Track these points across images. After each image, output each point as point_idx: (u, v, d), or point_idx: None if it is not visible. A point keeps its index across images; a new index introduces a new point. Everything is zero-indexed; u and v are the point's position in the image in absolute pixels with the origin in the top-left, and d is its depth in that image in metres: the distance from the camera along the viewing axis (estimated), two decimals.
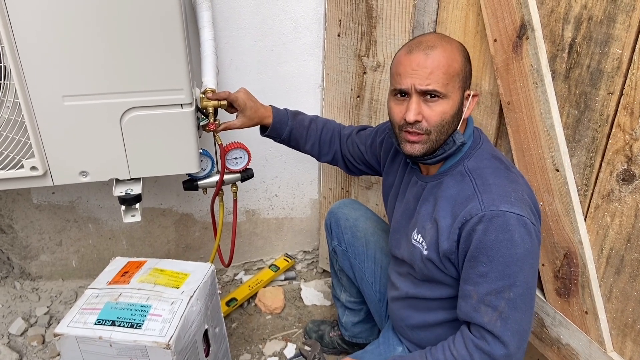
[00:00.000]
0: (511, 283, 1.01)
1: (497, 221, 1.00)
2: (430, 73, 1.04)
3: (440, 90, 1.04)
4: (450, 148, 1.11)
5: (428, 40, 1.07)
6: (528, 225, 1.01)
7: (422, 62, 1.04)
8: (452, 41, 1.09)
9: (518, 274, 1.01)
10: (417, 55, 1.05)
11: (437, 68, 1.04)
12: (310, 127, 1.50)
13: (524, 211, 1.01)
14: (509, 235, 0.99)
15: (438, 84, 1.04)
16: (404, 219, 1.25)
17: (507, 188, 1.04)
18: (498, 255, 1.00)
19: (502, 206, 1.01)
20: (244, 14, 1.65)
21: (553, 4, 1.11)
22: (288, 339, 1.85)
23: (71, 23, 1.10)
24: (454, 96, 1.07)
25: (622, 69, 1.01)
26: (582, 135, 1.13)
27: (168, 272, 1.30)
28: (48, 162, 1.23)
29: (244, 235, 2.08)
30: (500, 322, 1.02)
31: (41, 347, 1.77)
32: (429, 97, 1.06)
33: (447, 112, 1.06)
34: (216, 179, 1.49)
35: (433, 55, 1.04)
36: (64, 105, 1.17)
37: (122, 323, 1.15)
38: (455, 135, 1.10)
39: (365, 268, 1.53)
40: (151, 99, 1.21)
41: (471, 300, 1.05)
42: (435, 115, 1.06)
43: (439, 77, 1.04)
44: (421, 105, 1.06)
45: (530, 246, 1.01)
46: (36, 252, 1.94)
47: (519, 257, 1.00)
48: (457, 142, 1.10)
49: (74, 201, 1.85)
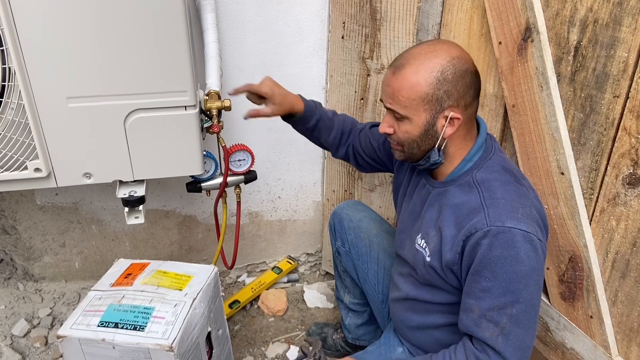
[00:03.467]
0: (514, 300, 0.99)
1: (502, 237, 0.98)
2: (392, 93, 1.05)
3: (399, 111, 1.05)
4: (426, 163, 1.12)
5: (408, 55, 1.05)
6: (534, 242, 0.99)
7: (388, 80, 1.06)
8: (433, 59, 1.02)
9: (522, 291, 0.99)
10: (389, 71, 1.07)
11: (399, 89, 1.04)
12: (333, 118, 1.49)
13: (531, 227, 0.99)
14: (515, 251, 0.97)
15: (398, 106, 1.05)
16: (410, 220, 1.25)
17: (515, 203, 1.02)
18: (502, 272, 0.98)
19: (509, 222, 0.99)
20: (248, 16, 1.65)
21: (558, 7, 1.11)
22: (291, 342, 1.85)
23: (75, 25, 1.10)
24: (417, 119, 1.05)
25: (628, 72, 1.00)
26: (588, 139, 1.12)
27: (171, 274, 1.30)
28: (52, 164, 1.23)
29: (247, 237, 2.08)
30: (502, 337, 1.00)
31: (44, 349, 1.77)
32: (396, 114, 1.07)
33: (409, 132, 1.07)
34: (219, 180, 1.49)
35: (399, 75, 1.04)
36: (68, 107, 1.17)
37: (125, 325, 1.15)
38: (431, 153, 1.10)
39: (368, 269, 1.53)
40: (155, 100, 1.21)
41: (473, 315, 1.03)
42: (400, 133, 1.09)
43: (398, 100, 1.05)
44: (394, 120, 1.09)
45: (536, 263, 0.99)
46: (39, 254, 1.94)
47: (524, 274, 0.98)
48: (430, 160, 1.11)
49: (77, 203, 1.85)
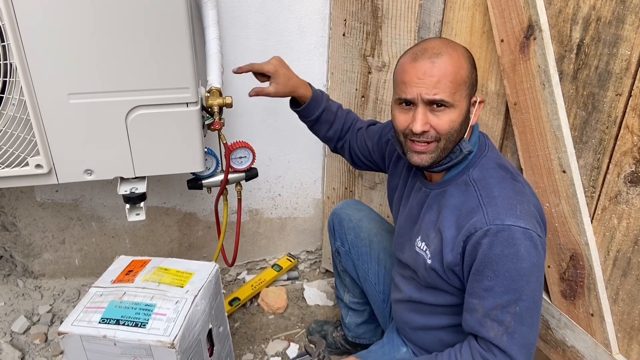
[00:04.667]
0: (517, 297, 0.99)
1: (502, 235, 0.98)
2: (437, 82, 1.01)
3: (447, 99, 1.01)
4: (457, 157, 1.09)
5: (434, 47, 1.04)
6: (534, 238, 0.99)
7: (429, 70, 1.01)
8: (457, 47, 1.06)
9: (524, 288, 0.99)
10: (423, 63, 1.02)
11: (444, 76, 1.01)
12: (337, 113, 1.49)
13: (530, 224, 0.99)
14: (515, 249, 0.98)
15: (445, 93, 1.01)
16: (408, 224, 1.24)
17: (513, 200, 1.02)
18: (504, 270, 0.98)
19: (508, 220, 0.99)
20: (249, 13, 1.64)
21: (561, 5, 1.11)
22: (291, 339, 1.85)
23: (77, 21, 1.09)
24: (461, 104, 1.04)
25: (630, 70, 1.00)
26: (590, 137, 1.12)
27: (172, 271, 1.30)
28: (53, 160, 1.23)
29: (247, 234, 2.08)
30: (507, 336, 1.00)
31: (44, 345, 1.77)
32: (435, 107, 1.03)
33: (454, 120, 1.04)
34: (220, 178, 1.49)
35: (439, 63, 1.01)
36: (69, 103, 1.17)
37: (126, 322, 1.14)
38: (462, 144, 1.08)
39: (368, 269, 1.52)
40: (157, 97, 1.21)
41: (476, 314, 1.03)
42: (443, 124, 1.03)
43: (446, 86, 1.01)
44: (428, 115, 1.04)
45: (537, 260, 1.00)
46: (39, 250, 1.93)
47: (525, 271, 0.98)
48: (464, 151, 1.08)
49: (77, 199, 1.84)
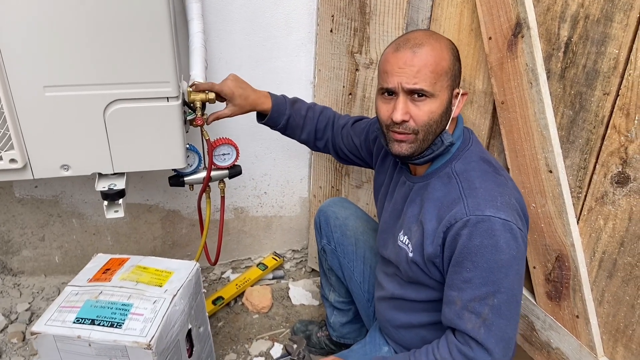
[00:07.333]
0: (495, 290, 0.98)
1: (482, 226, 0.97)
2: (417, 71, 1.01)
3: (427, 89, 1.02)
4: (438, 148, 1.08)
5: (416, 37, 1.05)
6: (514, 230, 0.98)
7: (409, 60, 1.02)
8: (440, 38, 1.06)
9: (503, 281, 0.98)
10: (404, 53, 1.03)
11: (425, 66, 1.01)
12: (307, 115, 1.47)
13: (510, 216, 0.99)
14: (494, 240, 0.97)
15: (425, 83, 1.01)
16: (392, 219, 1.23)
17: (494, 192, 1.02)
18: (482, 261, 0.97)
19: (488, 211, 0.98)
20: (235, 7, 1.61)
21: (549, 2, 1.09)
22: (275, 339, 1.83)
23: (53, 11, 1.06)
24: (442, 95, 1.04)
25: (618, 69, 0.99)
26: (577, 137, 1.11)
27: (151, 270, 1.27)
28: (28, 155, 1.19)
29: (232, 233, 2.05)
30: (484, 329, 0.99)
31: (21, 345, 1.72)
32: (416, 96, 1.03)
33: (434, 111, 1.04)
34: (203, 175, 1.45)
35: (420, 53, 1.02)
36: (45, 96, 1.13)
37: (101, 322, 1.11)
38: (444, 135, 1.08)
39: (354, 267, 1.51)
40: (136, 91, 1.18)
41: (455, 307, 1.02)
42: (422, 115, 1.03)
43: (426, 76, 1.01)
44: (408, 105, 1.04)
45: (516, 252, 0.98)
46: (18, 247, 1.89)
47: (504, 263, 0.97)
48: (445, 142, 1.08)
49: (57, 195, 1.80)
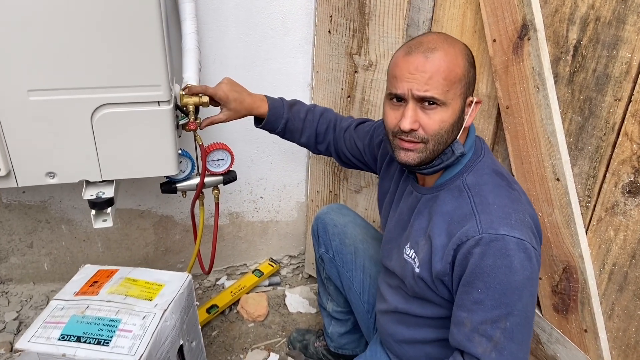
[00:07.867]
0: (508, 312, 0.93)
1: (495, 245, 0.92)
2: (429, 78, 0.95)
3: (439, 97, 0.95)
4: (448, 158, 1.02)
5: (429, 41, 0.98)
6: (529, 250, 0.93)
7: (421, 65, 0.96)
8: (456, 43, 1.00)
9: (516, 303, 0.93)
10: (416, 58, 0.96)
11: (437, 73, 0.95)
12: (306, 118, 1.42)
13: (525, 235, 0.93)
14: (508, 261, 0.91)
15: (437, 91, 0.95)
16: (397, 229, 1.18)
17: (508, 209, 0.96)
18: (495, 282, 0.92)
19: (502, 229, 0.93)
20: (229, 7, 1.56)
21: (557, 3, 1.05)
22: (271, 349, 1.78)
23: (38, 12, 1.01)
24: (454, 104, 0.98)
25: (631, 73, 0.95)
26: (586, 144, 1.06)
27: (141, 283, 1.22)
28: (12, 162, 1.14)
29: (227, 238, 2.00)
30: (496, 353, 0.94)
31: (9, 355, 1.67)
32: (426, 104, 0.97)
33: (446, 120, 0.98)
34: (196, 181, 1.40)
35: (433, 58, 0.95)
36: (29, 101, 1.08)
37: (88, 339, 1.06)
38: (455, 145, 1.02)
39: (353, 277, 1.46)
40: (125, 95, 1.12)
41: (464, 329, 0.97)
42: (433, 124, 0.97)
43: (438, 83, 0.95)
44: (418, 113, 0.98)
45: (530, 273, 0.93)
46: (5, 254, 1.84)
47: (518, 284, 0.92)
48: (456, 153, 1.02)
49: (46, 201, 1.75)
